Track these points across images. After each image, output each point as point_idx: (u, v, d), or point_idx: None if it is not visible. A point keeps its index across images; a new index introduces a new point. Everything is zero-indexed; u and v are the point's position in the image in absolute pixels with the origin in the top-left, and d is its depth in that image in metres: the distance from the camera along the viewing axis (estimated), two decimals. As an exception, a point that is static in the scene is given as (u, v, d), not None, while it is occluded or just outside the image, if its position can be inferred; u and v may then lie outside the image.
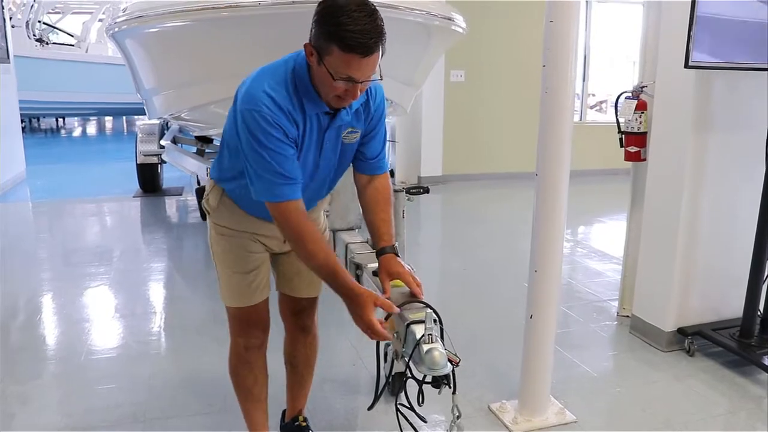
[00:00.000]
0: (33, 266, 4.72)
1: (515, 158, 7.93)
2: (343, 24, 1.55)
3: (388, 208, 2.04)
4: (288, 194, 1.74)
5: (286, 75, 1.73)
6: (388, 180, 2.08)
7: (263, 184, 1.74)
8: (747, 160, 3.13)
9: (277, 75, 1.74)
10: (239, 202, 1.98)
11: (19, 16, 12.19)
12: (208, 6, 3.03)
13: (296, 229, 1.77)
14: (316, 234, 1.82)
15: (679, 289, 3.21)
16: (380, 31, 1.59)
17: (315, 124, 1.80)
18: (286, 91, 1.72)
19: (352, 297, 1.74)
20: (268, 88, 1.70)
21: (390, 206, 2.05)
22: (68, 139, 14.17)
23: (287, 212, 1.76)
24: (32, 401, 2.77)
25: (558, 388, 2.81)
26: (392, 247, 1.97)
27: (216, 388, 2.79)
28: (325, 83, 1.66)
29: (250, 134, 1.69)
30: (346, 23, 1.55)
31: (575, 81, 2.39)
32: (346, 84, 1.64)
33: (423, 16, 3.18)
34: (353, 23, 1.55)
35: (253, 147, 1.70)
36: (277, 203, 1.75)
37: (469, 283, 4.46)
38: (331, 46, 1.57)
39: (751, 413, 2.72)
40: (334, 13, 1.57)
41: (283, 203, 1.75)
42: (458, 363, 1.68)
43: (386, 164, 2.08)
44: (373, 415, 2.50)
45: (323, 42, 1.59)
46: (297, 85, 1.73)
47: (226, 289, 2.09)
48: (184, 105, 4.00)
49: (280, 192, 1.73)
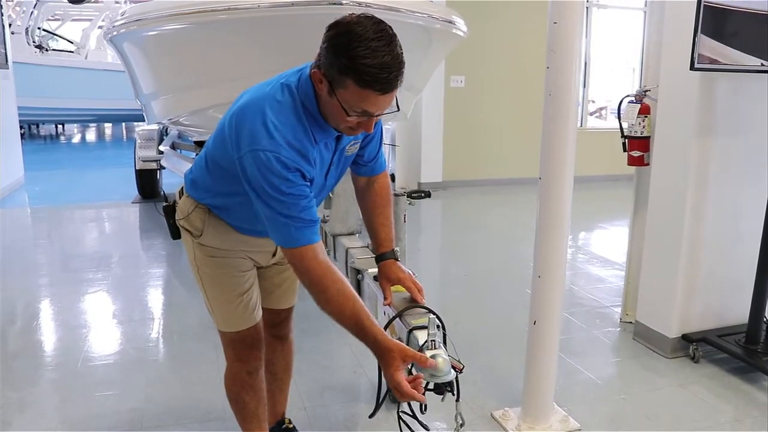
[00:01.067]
0: (31, 272, 4.69)
1: (515, 164, 7.94)
2: (360, 57, 1.38)
3: (387, 211, 1.96)
4: (308, 238, 1.58)
5: (294, 105, 1.57)
6: (388, 179, 2.00)
7: (280, 230, 1.58)
8: (752, 164, 3.11)
9: (284, 106, 1.56)
10: (228, 218, 1.85)
11: (19, 22, 12.20)
12: (207, 9, 3.00)
13: (318, 277, 1.58)
14: (341, 282, 1.60)
15: (683, 295, 3.18)
16: (400, 63, 1.43)
17: (324, 152, 1.68)
18: (301, 126, 1.56)
19: (380, 353, 1.55)
20: (280, 125, 1.53)
21: (390, 208, 1.98)
22: (67, 146, 14.15)
23: (307, 258, 1.58)
24: (29, 408, 2.73)
25: (561, 395, 2.77)
26: (392, 252, 1.92)
27: (214, 395, 2.76)
28: (337, 116, 1.53)
29: (263, 180, 1.51)
30: (364, 56, 1.38)
31: (579, 84, 2.37)
32: (359, 118, 1.52)
33: (424, 19, 3.15)
34: (372, 56, 1.38)
35: (268, 193, 1.52)
36: (297, 248, 1.58)
37: (469, 289, 4.42)
38: (346, 80, 1.42)
39: (756, 421, 2.69)
40: (349, 43, 1.39)
41: (303, 248, 1.57)
42: (462, 369, 1.64)
43: (384, 162, 2.00)
44: (375, 423, 2.45)
45: (336, 74, 1.43)
46: (307, 117, 1.57)
47: (223, 315, 1.97)
48: (183, 109, 3.98)
49: (299, 236, 1.57)
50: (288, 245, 1.59)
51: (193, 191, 1.89)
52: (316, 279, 1.59)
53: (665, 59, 3.14)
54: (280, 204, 1.54)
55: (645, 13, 8.59)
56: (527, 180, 7.11)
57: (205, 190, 1.85)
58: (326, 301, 1.59)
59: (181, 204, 1.92)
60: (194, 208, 1.87)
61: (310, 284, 1.60)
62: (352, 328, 1.58)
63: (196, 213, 1.87)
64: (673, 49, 3.05)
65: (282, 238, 1.60)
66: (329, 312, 1.60)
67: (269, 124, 1.52)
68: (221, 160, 1.71)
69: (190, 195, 1.89)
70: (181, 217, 1.91)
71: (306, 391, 2.84)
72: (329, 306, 1.59)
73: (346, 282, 1.61)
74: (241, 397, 2.07)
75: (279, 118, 1.53)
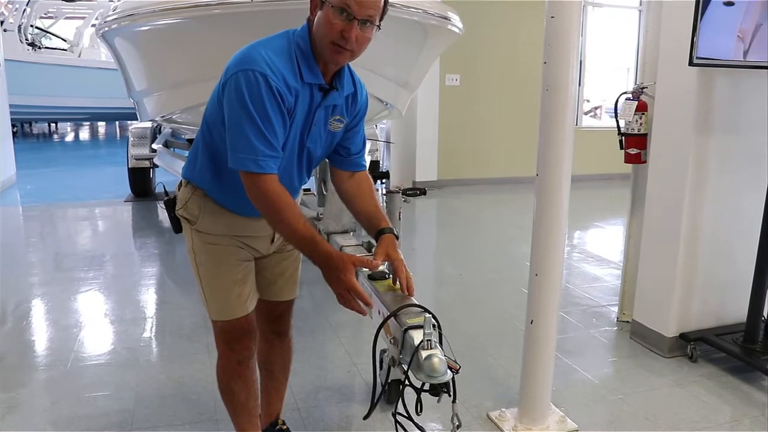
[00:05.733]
0: (22, 271, 4.64)
1: (511, 163, 7.94)
2: None
3: (375, 198, 2.01)
4: (270, 167, 1.68)
5: (287, 44, 1.73)
6: (368, 175, 2.05)
7: (246, 151, 1.66)
8: (750, 161, 3.08)
9: (275, 44, 1.72)
10: (224, 201, 1.91)
11: (12, 20, 12.13)
12: (200, 3, 2.96)
13: (274, 199, 1.70)
14: (294, 204, 1.75)
15: (680, 294, 3.16)
16: None
17: (308, 98, 1.76)
18: (288, 58, 1.70)
19: (332, 261, 1.70)
20: (269, 53, 1.67)
21: (375, 197, 2.02)
22: (60, 144, 14.08)
23: (266, 183, 1.69)
24: (18, 409, 2.69)
25: (558, 396, 2.74)
26: (392, 229, 1.93)
27: (206, 396, 2.74)
28: (325, 26, 1.65)
29: (244, 94, 1.63)
30: None
31: (576, 80, 2.34)
32: (343, 22, 1.63)
33: (419, 15, 3.12)
34: None
35: (246, 108, 1.63)
36: (258, 175, 1.68)
37: (465, 289, 4.40)
38: None
39: (755, 421, 2.66)
40: None
41: (263, 175, 1.68)
42: (458, 370, 1.61)
43: (365, 162, 2.06)
44: (369, 424, 2.44)
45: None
46: (297, 54, 1.72)
47: (216, 303, 1.99)
48: (176, 106, 3.93)
49: (263, 164, 1.67)
50: (250, 169, 1.68)
51: (189, 172, 1.95)
52: (273, 201, 1.70)
53: (663, 55, 3.12)
54: (251, 123, 1.64)
55: (640, 12, 8.59)
56: (523, 179, 7.12)
57: (202, 166, 1.89)
58: (279, 221, 1.72)
59: (179, 194, 1.99)
60: (191, 194, 1.93)
61: (267, 206, 1.72)
62: (305, 243, 1.72)
63: (193, 200, 1.93)
64: (671, 44, 3.02)
65: (245, 160, 1.67)
66: (282, 231, 1.78)
67: (261, 53, 1.67)
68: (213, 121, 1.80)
69: (188, 180, 1.95)
70: (180, 207, 1.97)
71: (300, 391, 2.81)
72: (282, 225, 1.73)
73: (297, 206, 1.75)
74: (231, 387, 2.08)
75: (269, 51, 1.68)
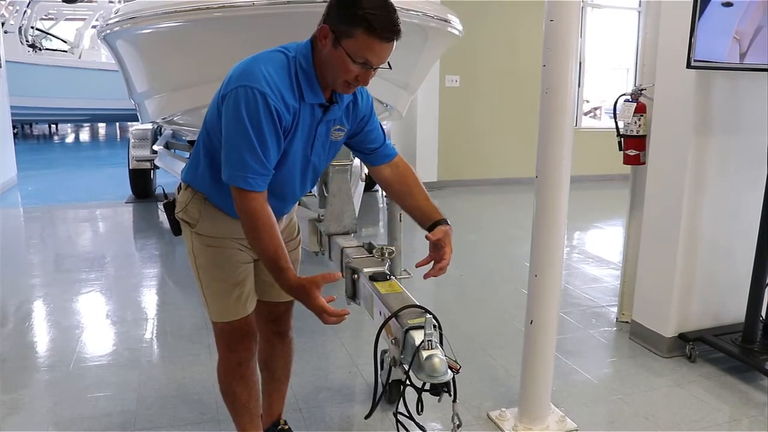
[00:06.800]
0: (23, 272, 4.65)
1: (511, 164, 7.94)
2: (371, 8, 1.59)
3: (424, 191, 2.03)
4: (258, 185, 1.71)
5: (287, 62, 1.73)
6: (405, 162, 2.07)
7: (238, 167, 1.69)
8: (749, 163, 3.09)
9: (277, 61, 1.72)
10: (224, 205, 1.90)
11: (12, 21, 12.12)
12: (202, 6, 2.98)
13: (256, 217, 1.72)
14: (272, 226, 1.76)
15: (679, 294, 3.17)
16: (398, 19, 1.64)
17: (308, 116, 1.78)
18: (287, 77, 1.71)
19: (294, 292, 1.72)
20: (270, 70, 1.68)
21: (423, 189, 2.03)
22: (61, 145, 14.07)
23: (252, 201, 1.71)
24: (20, 410, 2.70)
25: (558, 396, 2.76)
26: (446, 220, 1.95)
27: (208, 397, 2.75)
28: (339, 67, 1.66)
29: (242, 111, 1.65)
30: (373, 7, 1.59)
31: (575, 81, 2.35)
32: (360, 69, 1.66)
33: (419, 17, 3.14)
34: (379, 9, 1.60)
35: (242, 124, 1.65)
36: (246, 192, 1.71)
37: (465, 289, 4.40)
38: (356, 29, 1.60)
39: (753, 420, 2.68)
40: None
41: (251, 193, 1.71)
42: (459, 370, 1.63)
43: (394, 149, 2.06)
44: (371, 424, 2.45)
45: (346, 25, 1.61)
46: (298, 73, 1.72)
47: (216, 304, 2.01)
48: (177, 108, 3.94)
49: (253, 182, 1.70)
50: (240, 185, 1.70)
51: (190, 176, 1.95)
52: (251, 217, 1.72)
53: (661, 56, 3.13)
54: (246, 139, 1.66)
55: (639, 13, 8.60)
56: (522, 180, 7.13)
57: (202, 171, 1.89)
58: (254, 239, 1.74)
59: (179, 197, 1.99)
60: (191, 198, 1.94)
61: (249, 223, 1.74)
62: (271, 268, 1.74)
63: (193, 203, 1.94)
64: (669, 46, 3.03)
65: (237, 177, 1.70)
66: (254, 248, 1.79)
67: (262, 69, 1.68)
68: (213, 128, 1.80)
69: (188, 183, 1.96)
70: (180, 210, 1.97)
71: (301, 391, 2.82)
72: (256, 242, 1.75)
73: (276, 228, 1.75)
74: (232, 389, 2.09)
75: (269, 68, 1.69)
